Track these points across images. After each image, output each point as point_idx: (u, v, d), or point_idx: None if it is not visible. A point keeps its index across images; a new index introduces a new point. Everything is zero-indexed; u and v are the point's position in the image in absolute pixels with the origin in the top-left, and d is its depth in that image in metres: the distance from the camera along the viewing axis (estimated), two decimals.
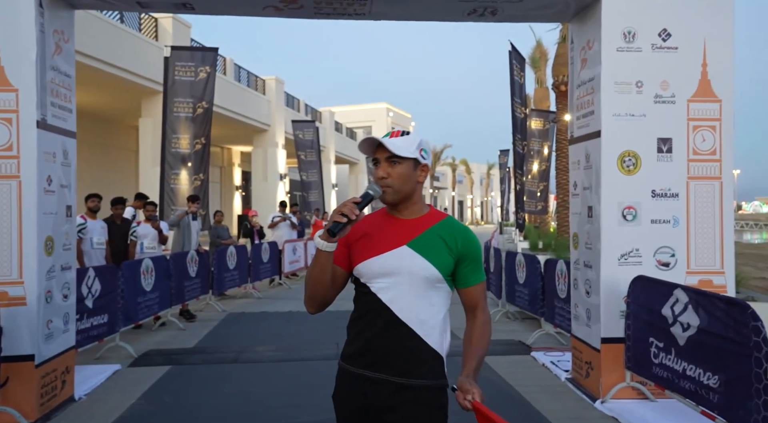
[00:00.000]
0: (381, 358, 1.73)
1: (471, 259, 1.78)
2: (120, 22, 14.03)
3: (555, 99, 16.11)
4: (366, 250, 1.76)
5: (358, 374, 1.76)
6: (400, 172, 1.73)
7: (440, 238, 1.75)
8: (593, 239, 4.39)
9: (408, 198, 1.77)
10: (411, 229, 1.76)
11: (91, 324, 5.17)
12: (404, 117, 48.08)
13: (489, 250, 9.08)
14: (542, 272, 6.39)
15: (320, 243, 1.66)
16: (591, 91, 4.43)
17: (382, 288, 1.74)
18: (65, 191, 4.21)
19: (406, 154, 1.73)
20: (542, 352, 5.67)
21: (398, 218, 1.80)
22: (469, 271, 1.78)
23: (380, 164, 1.75)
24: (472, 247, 1.78)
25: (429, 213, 1.82)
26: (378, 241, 1.76)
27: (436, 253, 1.73)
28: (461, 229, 1.81)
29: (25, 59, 3.78)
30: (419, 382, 1.71)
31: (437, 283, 1.74)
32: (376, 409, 1.73)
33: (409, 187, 1.75)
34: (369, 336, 1.75)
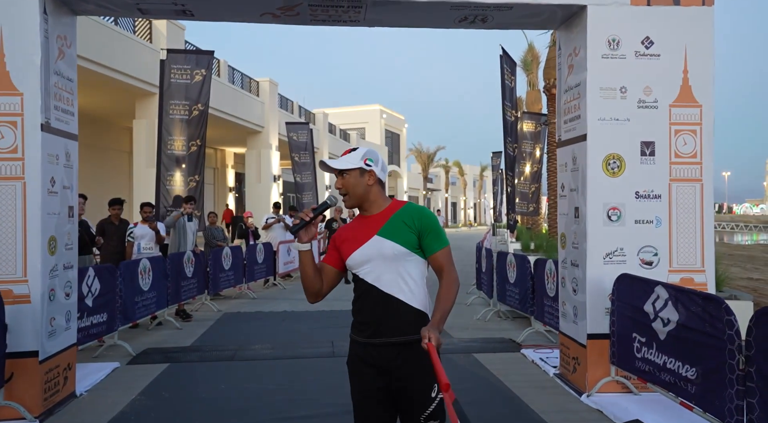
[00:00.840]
0: (378, 326, 2.15)
1: (429, 230, 2.17)
2: (114, 24, 14.11)
3: (546, 102, 16.32)
4: (349, 247, 2.20)
5: (365, 343, 2.18)
6: (349, 181, 2.19)
7: (401, 222, 2.17)
8: (580, 239, 4.55)
9: (365, 199, 2.21)
10: (378, 222, 2.19)
11: (91, 322, 5.28)
12: (398, 118, 48.27)
13: (481, 251, 9.23)
14: (532, 272, 6.55)
15: (296, 245, 2.21)
16: (577, 96, 4.59)
17: (366, 272, 2.17)
18: (67, 192, 4.32)
19: (350, 166, 2.18)
20: (532, 350, 5.83)
21: (367, 216, 2.23)
22: (430, 240, 2.17)
23: (338, 178, 2.22)
24: (427, 221, 2.18)
25: (390, 205, 2.24)
26: (356, 238, 2.20)
27: (400, 233, 2.15)
28: (417, 209, 2.22)
29: (29, 64, 3.90)
30: (411, 337, 2.08)
31: (407, 256, 2.15)
32: (386, 370, 2.14)
33: (359, 191, 2.19)
34: (366, 311, 2.19)
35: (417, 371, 2.11)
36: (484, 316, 7.91)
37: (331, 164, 2.19)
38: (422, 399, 2.12)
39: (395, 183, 44.64)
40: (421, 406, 2.12)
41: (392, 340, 2.13)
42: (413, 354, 2.08)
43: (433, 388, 2.12)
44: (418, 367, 2.10)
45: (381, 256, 2.13)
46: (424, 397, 2.12)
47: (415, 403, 2.13)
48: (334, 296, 2.34)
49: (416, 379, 2.12)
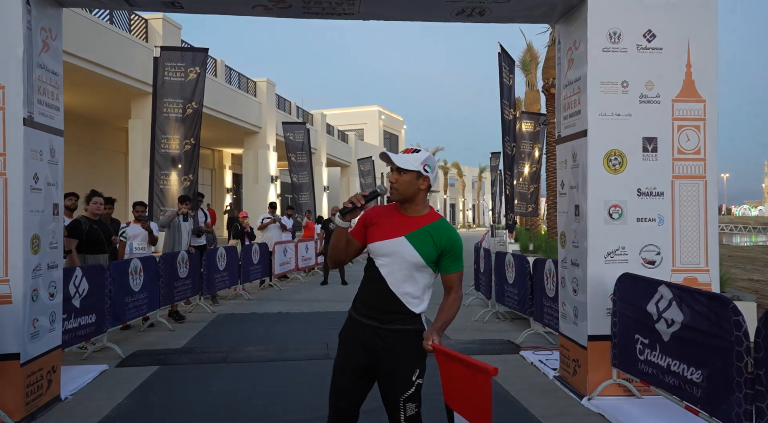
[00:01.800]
0: (374, 312, 2.37)
1: (451, 254, 2.36)
2: (110, 23, 13.97)
3: (545, 102, 16.21)
4: (376, 233, 2.37)
5: (359, 320, 2.41)
6: (404, 179, 2.33)
7: (429, 235, 2.32)
8: (580, 238, 4.42)
9: (410, 200, 2.36)
10: (410, 224, 2.34)
11: (79, 324, 5.14)
12: (396, 120, 48.16)
13: (479, 251, 9.11)
14: (531, 272, 6.43)
15: (338, 221, 2.33)
16: (577, 91, 4.47)
17: (382, 264, 2.36)
18: (52, 189, 4.19)
19: (410, 168, 2.32)
20: (531, 351, 5.70)
21: (403, 214, 2.38)
22: (449, 262, 2.37)
23: (393, 171, 2.37)
24: (453, 245, 2.37)
25: (428, 214, 2.39)
26: (385, 228, 2.36)
27: (424, 245, 2.31)
28: (448, 230, 2.38)
29: (11, 56, 3.76)
30: (400, 326, 2.32)
31: (421, 267, 2.33)
32: (372, 348, 2.35)
33: (410, 191, 2.34)
34: (369, 295, 2.42)
35: (402, 355, 2.31)
36: (483, 317, 7.78)
37: (394, 160, 2.32)
38: (404, 381, 2.31)
39: None
40: (403, 388, 2.31)
41: (381, 326, 2.34)
42: (400, 339, 2.31)
43: (414, 372, 2.32)
44: (404, 351, 2.31)
45: (400, 257, 2.30)
46: (407, 379, 2.31)
47: (396, 384, 2.31)
48: (331, 298, 2.44)
49: (401, 361, 2.31)
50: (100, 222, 6.50)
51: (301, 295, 10.23)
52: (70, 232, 6.05)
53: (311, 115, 29.27)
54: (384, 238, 2.33)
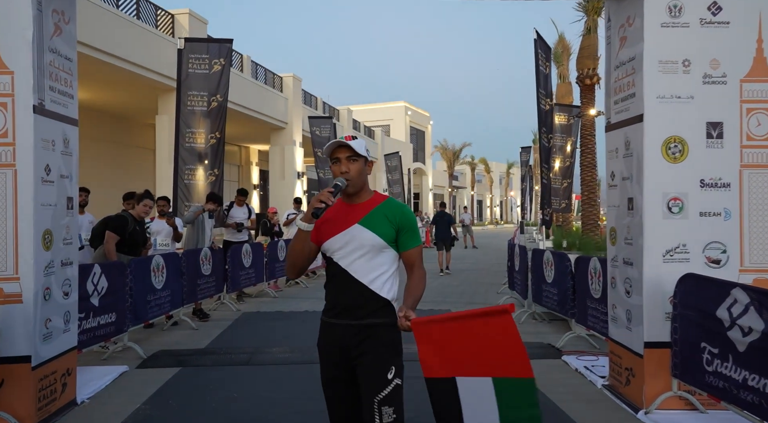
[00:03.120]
0: (345, 308, 2.22)
1: (408, 228, 2.27)
2: (136, 17, 13.92)
3: (579, 93, 15.59)
4: (328, 230, 2.25)
5: (331, 323, 2.26)
6: (357, 167, 2.22)
7: (383, 215, 2.24)
8: (634, 234, 4.00)
9: (361, 188, 2.25)
10: (361, 211, 2.25)
11: (98, 323, 4.94)
12: (423, 115, 47.64)
13: (513, 249, 8.68)
14: (573, 271, 6.00)
15: (302, 224, 2.16)
16: (631, 71, 4.04)
17: (341, 257, 2.23)
18: (66, 182, 3.96)
19: (362, 153, 2.22)
20: (574, 356, 5.29)
21: (351, 204, 2.27)
22: (407, 238, 2.27)
23: (341, 162, 2.21)
24: (407, 220, 2.27)
25: (374, 196, 2.30)
26: (337, 223, 2.24)
27: (380, 226, 2.22)
28: (399, 205, 2.30)
29: (20, 39, 3.53)
30: (374, 320, 2.19)
31: (383, 249, 2.22)
32: (346, 349, 2.20)
33: (363, 178, 2.25)
34: (335, 294, 2.26)
35: (375, 350, 2.16)
36: (518, 318, 7.36)
37: (354, 146, 2.21)
38: (378, 379, 2.14)
39: (420, 181, 44.04)
40: (377, 387, 2.13)
41: (354, 322, 2.19)
42: (373, 335, 2.17)
43: (390, 370, 2.15)
44: (376, 346, 2.16)
45: (358, 245, 2.20)
46: (380, 377, 2.14)
47: (371, 383, 2.14)
48: None
49: (373, 358, 2.16)
50: (142, 224, 6.36)
51: None
52: (115, 229, 5.89)
53: (337, 110, 29.03)
54: (338, 231, 2.23)
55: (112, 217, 6.02)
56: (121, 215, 6.00)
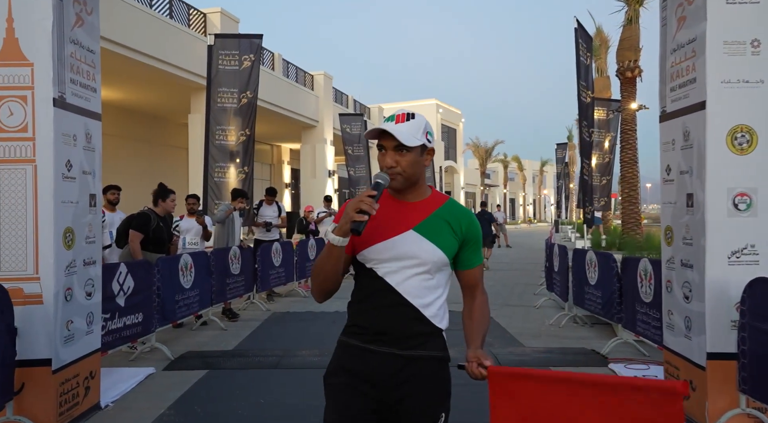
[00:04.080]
0: (387, 334, 1.74)
1: (474, 241, 1.83)
2: (169, 17, 13.98)
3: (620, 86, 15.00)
4: (372, 235, 1.72)
5: (363, 349, 1.75)
6: (409, 160, 1.71)
7: (445, 222, 1.77)
8: (695, 233, 3.64)
9: (414, 183, 1.77)
10: (416, 213, 1.77)
11: (124, 324, 4.81)
12: (454, 113, 47.10)
13: (552, 248, 8.30)
14: (619, 272, 5.62)
15: (335, 239, 1.64)
16: (692, 54, 3.67)
17: (390, 272, 1.74)
18: (88, 178, 3.82)
19: (415, 143, 1.70)
20: (622, 365, 4.92)
21: (402, 201, 1.78)
22: (470, 253, 1.83)
23: (387, 152, 1.72)
24: (475, 231, 1.83)
25: (432, 195, 1.83)
26: (384, 225, 1.74)
27: (443, 237, 1.76)
28: (465, 212, 1.84)
29: (40, 30, 3.40)
30: (423, 352, 1.75)
31: (444, 266, 1.78)
32: (383, 383, 1.72)
33: (417, 171, 1.75)
34: (374, 314, 1.76)
35: (422, 394, 1.73)
36: (558, 322, 7.01)
37: (398, 136, 1.67)
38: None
39: (452, 179, 43.56)
40: None
41: (399, 352, 1.73)
42: (421, 373, 1.74)
43: (440, 418, 1.77)
44: (424, 388, 1.74)
45: (415, 258, 1.72)
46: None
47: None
48: None
49: (421, 403, 1.74)
50: (165, 220, 6.24)
51: None
52: (138, 227, 5.79)
53: (368, 108, 28.86)
54: (386, 238, 1.73)
55: (135, 216, 5.92)
56: (143, 213, 5.88)
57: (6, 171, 3.38)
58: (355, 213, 1.57)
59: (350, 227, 1.58)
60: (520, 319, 7.41)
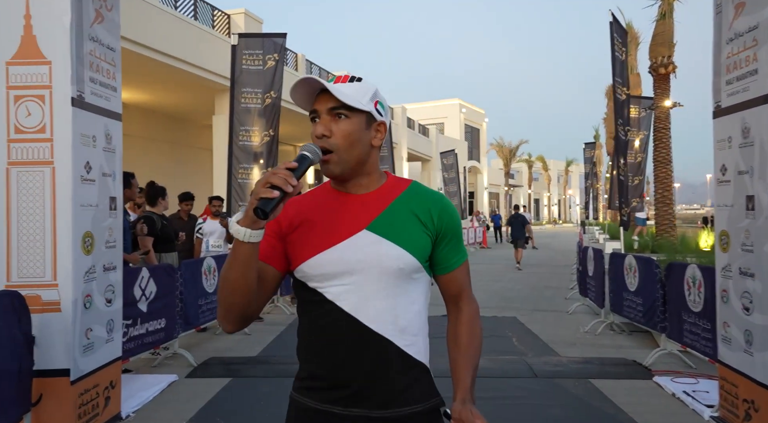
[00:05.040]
0: (352, 386, 1.27)
1: (452, 235, 1.38)
2: (194, 18, 13.98)
3: (653, 83, 14.51)
4: (311, 242, 1.30)
5: (322, 411, 1.29)
6: (348, 129, 1.28)
7: (410, 213, 1.33)
8: (756, 239, 3.33)
9: (359, 167, 1.32)
10: (369, 207, 1.33)
11: (146, 330, 4.68)
12: (477, 113, 46.62)
13: (586, 251, 7.97)
14: (663, 278, 5.29)
15: (239, 231, 1.16)
16: (752, 43, 3.37)
17: (341, 292, 1.28)
18: (108, 181, 3.68)
19: (357, 106, 1.28)
20: (668, 378, 4.61)
21: (349, 194, 1.35)
22: (449, 251, 1.38)
23: (321, 117, 1.29)
24: (451, 220, 1.37)
25: (388, 182, 1.38)
26: (326, 228, 1.31)
27: (408, 233, 1.31)
28: (436, 196, 1.38)
29: (58, 26, 3.26)
30: (408, 409, 1.28)
31: (414, 273, 1.31)
32: None
33: (359, 151, 1.30)
34: (332, 358, 1.28)
35: None
36: (594, 329, 6.69)
37: (333, 90, 1.26)
38: None
39: (475, 179, 43.09)
40: None
41: (375, 414, 1.27)
42: None
43: None
44: None
45: (374, 268, 1.28)
46: None
47: None
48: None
49: None
50: (167, 218, 6.13)
51: None
52: (148, 231, 5.65)
53: (392, 109, 28.66)
54: (330, 244, 1.29)
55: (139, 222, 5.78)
56: (146, 217, 5.73)
57: (24, 173, 3.26)
58: (264, 188, 1.12)
59: (255, 206, 1.12)
60: (552, 326, 7.11)
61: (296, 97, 1.32)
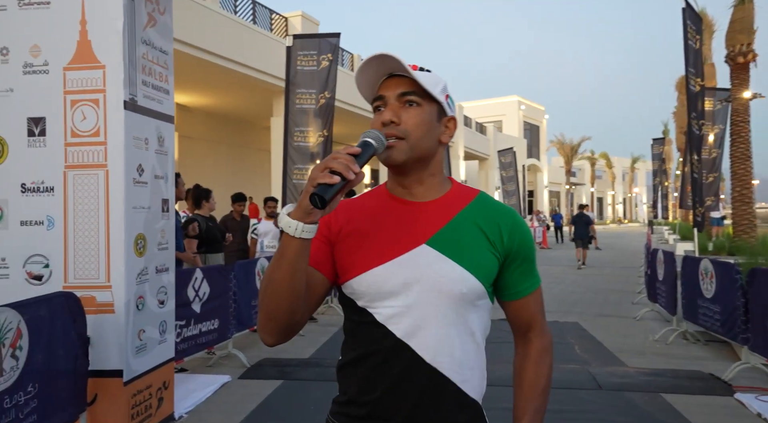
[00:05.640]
0: (396, 422, 1.13)
1: (524, 257, 1.21)
2: (253, 22, 14.27)
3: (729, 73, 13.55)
4: (362, 255, 1.15)
5: None
6: (420, 117, 1.14)
7: (477, 229, 1.17)
8: None
9: (424, 163, 1.18)
10: (431, 217, 1.18)
11: (200, 330, 4.73)
12: (537, 109, 45.44)
13: (655, 254, 7.48)
14: (744, 285, 4.85)
15: (290, 223, 1.02)
16: None
17: (393, 315, 1.13)
18: (161, 183, 3.70)
19: (432, 92, 1.15)
20: (753, 395, 4.20)
21: (407, 201, 1.20)
22: (520, 275, 1.21)
23: (388, 104, 1.15)
24: (524, 239, 1.20)
25: (453, 190, 1.23)
26: (380, 239, 1.16)
27: (475, 252, 1.15)
28: (507, 211, 1.22)
29: (111, 30, 3.29)
30: None
31: (478, 299, 1.16)
32: None
33: (429, 143, 1.16)
34: (375, 389, 1.14)
35: None
36: (665, 338, 6.25)
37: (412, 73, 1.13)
38: None
39: (534, 178, 41.98)
40: None
41: None
42: None
43: None
44: None
45: (433, 290, 1.13)
46: None
47: None
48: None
49: None
50: (213, 219, 6.20)
51: None
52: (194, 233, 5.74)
53: None
54: (385, 259, 1.14)
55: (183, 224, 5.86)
56: (191, 218, 5.78)
57: (80, 176, 3.31)
58: (324, 173, 0.98)
59: (313, 192, 0.98)
60: (618, 333, 6.70)
61: (362, 79, 1.19)
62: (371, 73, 1.18)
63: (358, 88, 1.23)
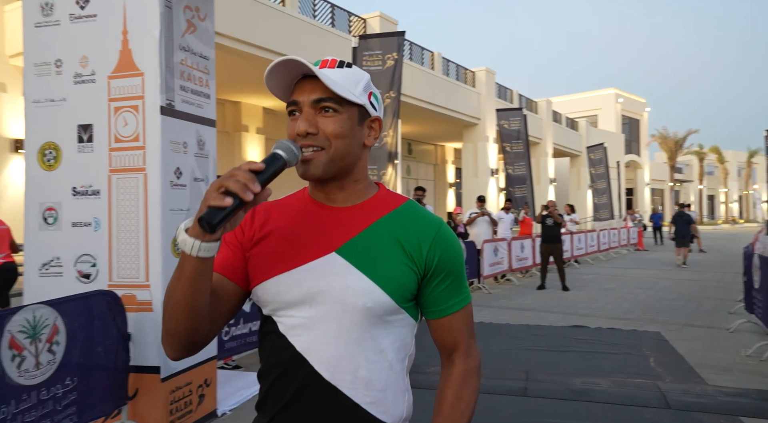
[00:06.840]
0: None
1: (447, 272, 1.11)
2: (331, 26, 14.53)
3: None
4: (270, 261, 1.09)
5: None
6: (339, 125, 1.05)
7: (394, 240, 1.08)
8: None
9: (347, 172, 1.10)
10: (346, 224, 1.09)
11: (249, 329, 4.83)
12: (637, 102, 42.61)
13: (751, 258, 6.68)
14: None
15: (187, 241, 0.94)
16: None
17: (295, 326, 1.07)
18: (201, 185, 3.81)
19: (350, 97, 1.06)
20: None
21: (325, 205, 1.12)
22: (445, 291, 1.12)
23: (303, 111, 1.06)
24: (451, 254, 1.11)
25: (377, 196, 1.14)
26: (291, 244, 1.09)
27: (386, 264, 1.06)
28: (431, 222, 1.11)
29: (149, 39, 3.43)
30: None
31: (388, 315, 1.07)
32: None
33: (351, 150, 1.08)
34: (280, 403, 1.07)
35: None
36: (760, 353, 5.55)
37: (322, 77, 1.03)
38: None
39: (634, 175, 39.38)
40: None
41: None
42: None
43: None
44: None
45: (337, 302, 1.05)
46: None
47: None
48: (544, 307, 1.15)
49: None
50: None
51: (511, 301, 8.96)
52: None
53: (536, 103, 27.27)
54: (291, 265, 1.07)
55: None
56: None
57: (122, 180, 3.48)
58: (216, 194, 0.91)
59: (200, 214, 0.91)
60: (704, 345, 6.05)
61: (273, 83, 1.10)
62: (281, 76, 1.09)
63: (271, 92, 1.14)
